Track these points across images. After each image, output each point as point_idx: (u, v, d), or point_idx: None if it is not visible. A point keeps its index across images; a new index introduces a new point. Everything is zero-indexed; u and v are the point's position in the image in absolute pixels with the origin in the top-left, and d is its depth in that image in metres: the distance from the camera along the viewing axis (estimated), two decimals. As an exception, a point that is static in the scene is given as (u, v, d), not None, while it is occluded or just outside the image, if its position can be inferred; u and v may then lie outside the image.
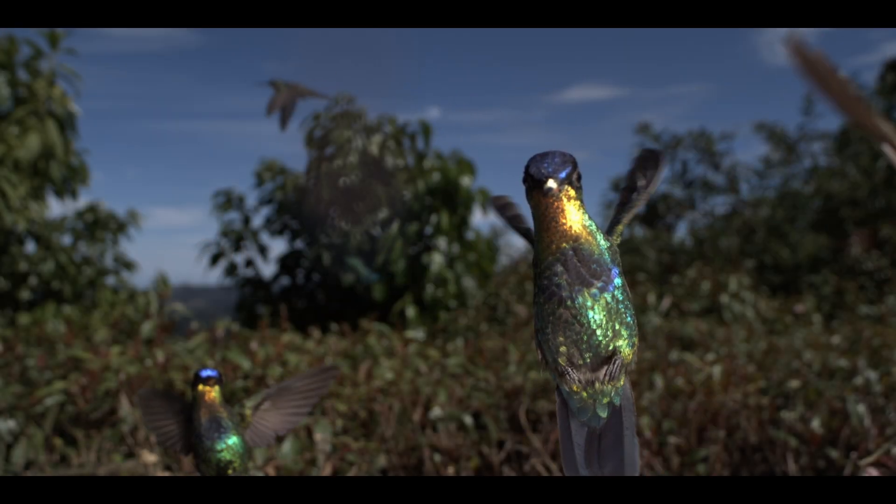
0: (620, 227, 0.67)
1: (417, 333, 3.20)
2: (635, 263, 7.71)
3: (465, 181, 5.28)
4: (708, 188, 9.74)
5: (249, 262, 5.91)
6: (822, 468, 1.84)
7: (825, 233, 8.22)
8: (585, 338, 0.61)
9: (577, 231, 0.60)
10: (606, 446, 0.64)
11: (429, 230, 5.30)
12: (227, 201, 5.87)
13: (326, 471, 1.74)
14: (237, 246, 5.90)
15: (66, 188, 4.68)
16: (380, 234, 5.41)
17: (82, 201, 5.13)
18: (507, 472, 1.90)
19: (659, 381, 2.11)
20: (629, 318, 0.62)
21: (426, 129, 5.50)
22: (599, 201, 10.01)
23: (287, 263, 5.86)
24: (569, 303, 0.60)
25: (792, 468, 1.80)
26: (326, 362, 2.24)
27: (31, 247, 4.88)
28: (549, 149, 0.61)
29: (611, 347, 0.61)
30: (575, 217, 0.60)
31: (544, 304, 0.62)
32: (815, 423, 1.84)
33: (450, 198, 5.28)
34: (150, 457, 1.78)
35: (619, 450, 0.64)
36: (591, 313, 0.60)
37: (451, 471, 1.84)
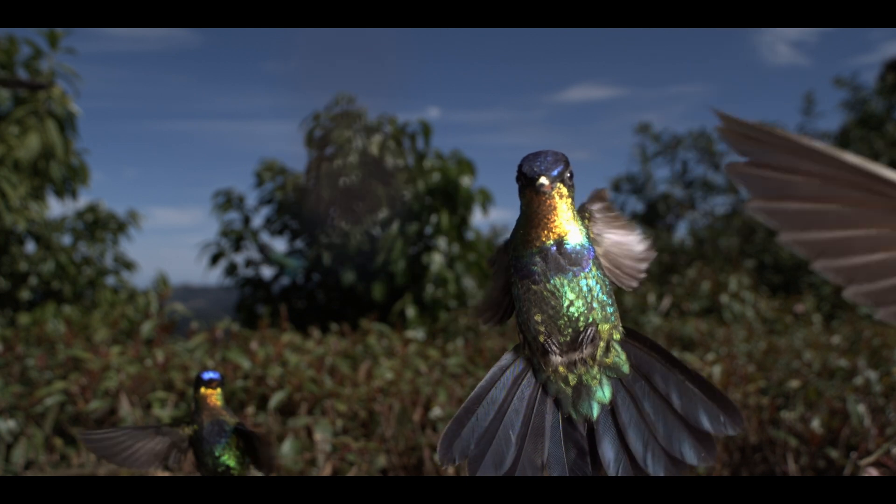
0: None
1: (417, 333, 3.20)
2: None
3: (465, 181, 5.28)
4: (708, 188, 9.73)
5: (249, 262, 5.91)
6: (822, 468, 1.83)
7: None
8: (562, 312, 0.61)
9: (565, 230, 0.61)
10: (605, 445, 0.63)
11: (429, 230, 5.29)
12: (227, 201, 5.87)
13: (326, 471, 1.74)
14: (237, 246, 5.90)
15: (66, 188, 4.68)
16: (380, 234, 5.41)
17: (82, 201, 5.14)
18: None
19: (659, 381, 2.11)
20: (604, 296, 0.62)
21: (426, 129, 5.50)
22: (599, 201, 10.00)
23: (287, 263, 5.86)
24: (543, 281, 0.61)
25: (792, 468, 1.80)
26: (326, 363, 2.24)
27: (31, 247, 4.88)
28: (549, 148, 0.62)
29: (589, 320, 0.62)
30: (564, 215, 0.61)
31: (520, 285, 0.62)
32: (815, 423, 1.84)
33: (450, 198, 5.27)
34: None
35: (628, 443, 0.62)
36: (565, 289, 0.61)
37: (451, 471, 1.84)
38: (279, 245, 5.98)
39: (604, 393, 0.63)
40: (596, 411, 0.63)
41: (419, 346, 2.71)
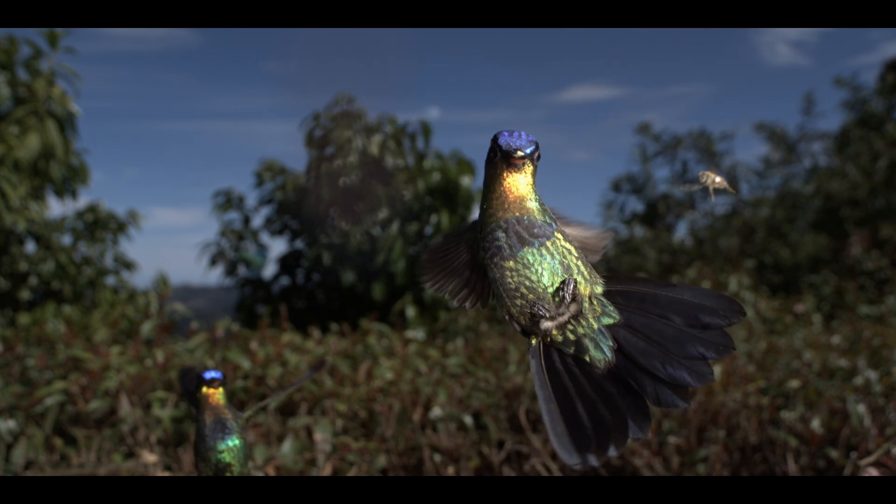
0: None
1: (417, 333, 3.20)
2: (635, 263, 7.71)
3: (465, 181, 5.28)
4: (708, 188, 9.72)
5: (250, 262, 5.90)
6: (822, 468, 1.83)
7: (825, 233, 8.22)
8: (537, 282, 0.63)
9: (526, 206, 0.64)
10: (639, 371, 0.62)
11: (429, 230, 5.29)
12: (227, 201, 5.87)
13: (326, 471, 1.74)
14: (237, 246, 5.90)
15: (66, 188, 4.68)
16: (380, 234, 5.40)
17: (82, 201, 5.13)
18: (507, 472, 1.90)
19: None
20: (575, 259, 0.64)
21: (426, 129, 5.50)
22: (600, 201, 10.01)
23: (287, 263, 5.86)
24: (512, 256, 0.63)
25: (792, 468, 1.80)
26: (326, 363, 2.24)
27: (31, 247, 4.88)
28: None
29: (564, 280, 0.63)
30: (526, 191, 0.64)
31: (493, 266, 0.64)
32: (815, 423, 1.84)
33: (450, 198, 5.27)
34: (150, 457, 1.78)
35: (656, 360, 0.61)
36: (535, 259, 0.63)
37: (451, 471, 1.84)
38: (279, 245, 5.98)
39: (606, 337, 0.64)
40: (609, 353, 0.63)
41: (419, 346, 2.71)
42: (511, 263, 0.63)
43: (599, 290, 0.65)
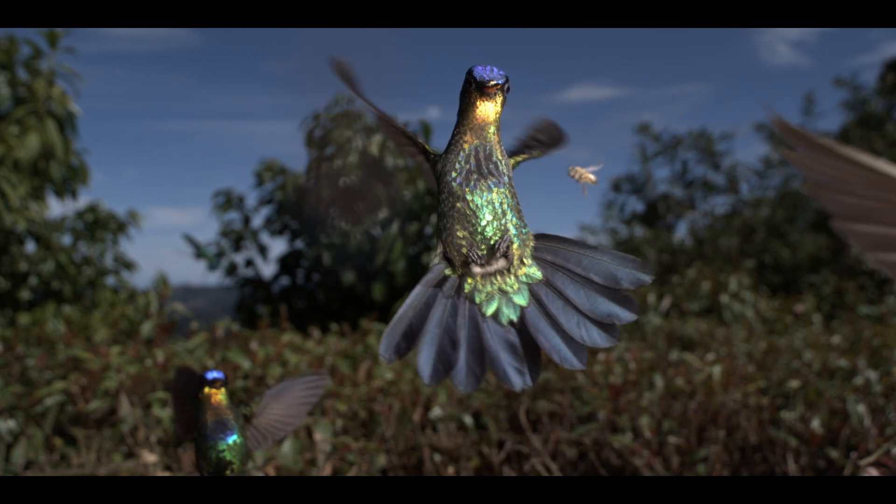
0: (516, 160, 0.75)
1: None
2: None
3: (465, 181, 5.27)
4: (708, 188, 9.73)
5: (249, 262, 5.91)
6: (822, 468, 1.83)
7: (825, 233, 8.22)
8: (479, 230, 0.67)
9: (489, 136, 0.68)
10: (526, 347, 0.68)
11: (429, 230, 5.29)
12: (227, 201, 5.87)
13: (326, 471, 1.74)
14: (237, 246, 5.90)
15: (66, 188, 4.68)
16: (380, 234, 5.40)
17: (82, 201, 5.13)
18: (507, 472, 1.90)
19: (659, 381, 2.11)
20: (517, 219, 0.68)
21: (426, 129, 5.50)
22: (600, 200, 10.01)
23: (287, 263, 5.86)
24: (468, 196, 0.67)
25: (792, 468, 1.80)
26: (326, 363, 2.24)
27: (31, 247, 4.88)
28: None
29: (501, 237, 0.68)
30: (493, 120, 0.68)
31: (445, 202, 0.68)
32: (815, 423, 1.84)
33: (450, 198, 5.26)
34: (150, 457, 1.78)
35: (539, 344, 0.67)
36: (483, 210, 0.67)
37: (451, 471, 1.84)
38: (279, 245, 5.98)
39: (522, 297, 0.69)
40: (516, 314, 0.68)
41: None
42: (459, 205, 0.67)
43: (530, 250, 0.69)
